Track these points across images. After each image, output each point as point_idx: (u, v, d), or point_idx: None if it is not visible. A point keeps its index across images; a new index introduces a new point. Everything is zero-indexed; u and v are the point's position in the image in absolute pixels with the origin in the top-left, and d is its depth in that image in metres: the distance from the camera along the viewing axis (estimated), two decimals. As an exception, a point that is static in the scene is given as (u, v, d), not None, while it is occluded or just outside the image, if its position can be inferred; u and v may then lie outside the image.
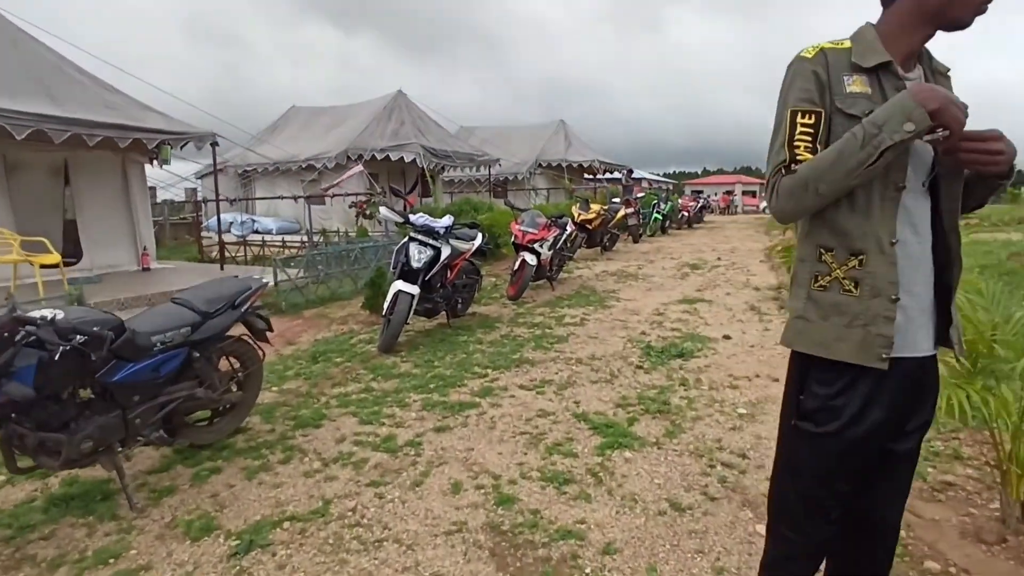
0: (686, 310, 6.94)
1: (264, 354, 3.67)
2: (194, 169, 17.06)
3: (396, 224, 5.56)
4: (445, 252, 5.73)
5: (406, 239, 5.72)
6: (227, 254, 13.17)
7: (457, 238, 6.06)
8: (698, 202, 22.78)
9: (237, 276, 3.74)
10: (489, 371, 4.77)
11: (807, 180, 1.32)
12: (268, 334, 3.73)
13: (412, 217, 5.74)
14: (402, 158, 14.39)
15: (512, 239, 8.01)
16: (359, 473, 3.08)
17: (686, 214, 20.75)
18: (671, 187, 52.87)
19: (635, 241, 15.01)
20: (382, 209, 5.70)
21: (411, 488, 2.91)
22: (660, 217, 17.06)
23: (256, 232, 15.66)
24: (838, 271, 1.38)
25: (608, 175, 25.75)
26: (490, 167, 18.40)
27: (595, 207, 11.76)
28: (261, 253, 12.72)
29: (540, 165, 22.11)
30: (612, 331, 6.01)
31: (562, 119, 24.09)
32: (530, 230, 7.83)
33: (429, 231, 5.68)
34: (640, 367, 4.75)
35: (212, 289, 3.27)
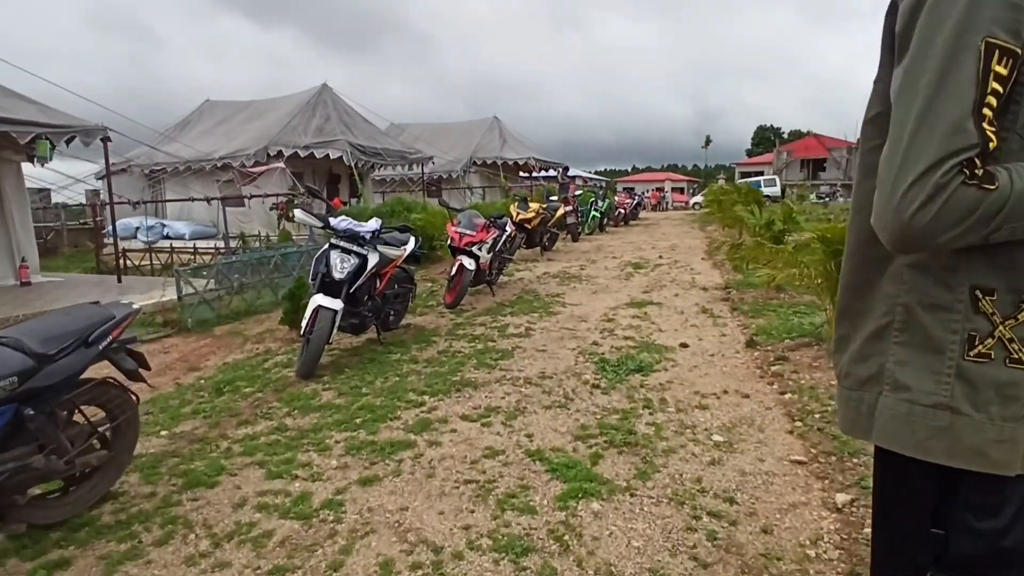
0: (636, 315, 6.53)
1: (138, 399, 2.91)
2: (94, 169, 15.51)
3: (316, 228, 4.89)
4: (373, 260, 5.05)
5: (327, 246, 5.00)
6: (130, 263, 11.90)
7: (386, 243, 5.38)
8: (633, 199, 22.80)
9: (98, 303, 2.96)
10: (426, 397, 4.14)
11: (1005, 213, 0.79)
12: (145, 372, 2.97)
13: (334, 221, 5.02)
14: (328, 155, 13.45)
15: (448, 242, 7.38)
16: (260, 555, 2.40)
17: (623, 211, 20.66)
18: (605, 185, 53.49)
19: (574, 240, 14.66)
20: (297, 212, 4.95)
21: None
22: (598, 215, 16.82)
23: (167, 238, 14.31)
24: (1003, 329, 0.86)
25: (544, 173, 25.46)
26: (423, 165, 17.64)
27: (534, 206, 11.28)
28: (169, 261, 11.53)
29: (475, 163, 21.50)
30: (561, 342, 5.50)
31: (496, 116, 23.58)
32: (468, 232, 7.22)
33: (353, 236, 4.98)
34: (596, 386, 4.24)
35: (54, 323, 2.50)
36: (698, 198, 45.17)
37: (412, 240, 6.09)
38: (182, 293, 6.74)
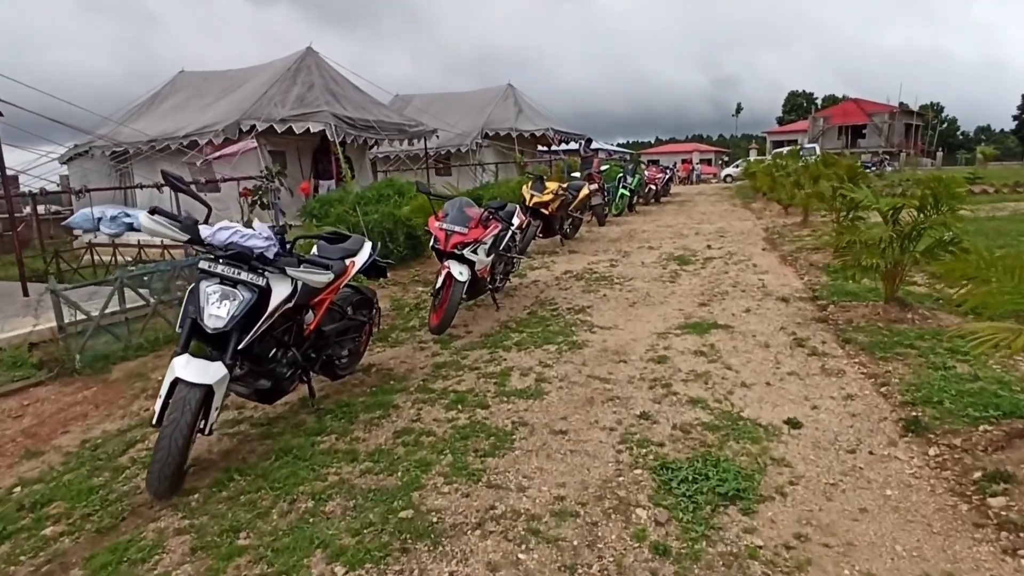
0: (699, 348, 4.49)
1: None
2: (60, 151, 13.80)
3: (181, 242, 3.03)
4: (280, 292, 3.08)
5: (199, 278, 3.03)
6: (98, 259, 10.22)
7: (313, 263, 3.39)
8: (665, 173, 20.47)
9: None
10: (340, 571, 2.21)
11: None
12: None
13: (206, 231, 3.02)
14: (308, 129, 11.46)
15: (432, 242, 5.39)
16: None
17: (653, 188, 18.40)
18: (627, 157, 50.71)
19: (601, 224, 12.54)
20: (143, 217, 2.95)
21: None
22: (627, 193, 14.63)
23: (134, 229, 12.53)
24: None
25: (565, 146, 23.18)
26: (426, 139, 15.55)
27: (551, 185, 9.19)
28: (113, 262, 9.74)
29: (487, 135, 19.32)
30: (590, 411, 3.50)
31: (510, 83, 21.29)
32: (456, 228, 5.22)
33: (241, 257, 3.00)
34: (660, 548, 2.25)
35: None
36: (730, 170, 42.31)
37: (366, 249, 4.12)
38: (63, 321, 4.88)
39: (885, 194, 5.96)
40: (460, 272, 5.21)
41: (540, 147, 21.44)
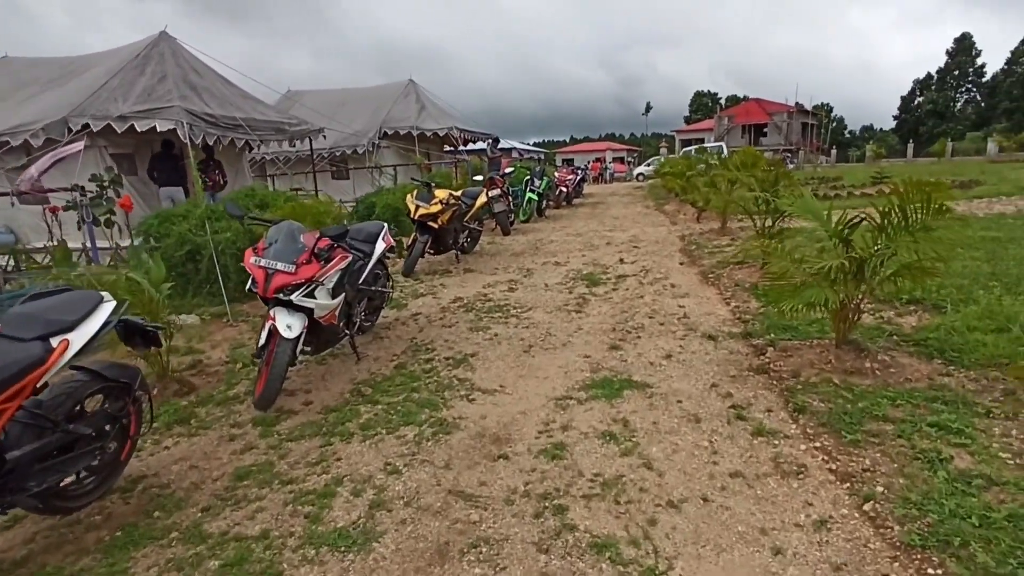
0: (608, 427, 3.29)
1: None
2: None
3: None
4: None
5: None
6: None
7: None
8: (577, 174, 19.60)
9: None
10: None
11: None
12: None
13: None
14: (155, 128, 9.53)
15: (249, 284, 3.92)
16: None
17: (564, 190, 17.44)
18: (543, 157, 50.17)
19: (505, 233, 11.33)
20: None
21: None
22: (535, 197, 13.50)
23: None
24: None
25: (472, 146, 21.86)
26: (311, 140, 13.77)
27: (440, 194, 7.84)
28: None
29: (386, 134, 17.72)
30: (439, 576, 2.20)
31: (412, 79, 19.74)
32: (279, 266, 3.77)
33: None
34: None
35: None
36: (642, 168, 42.45)
37: (100, 313, 2.66)
38: None
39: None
40: (288, 326, 3.79)
41: (447, 147, 20.03)
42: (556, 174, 18.20)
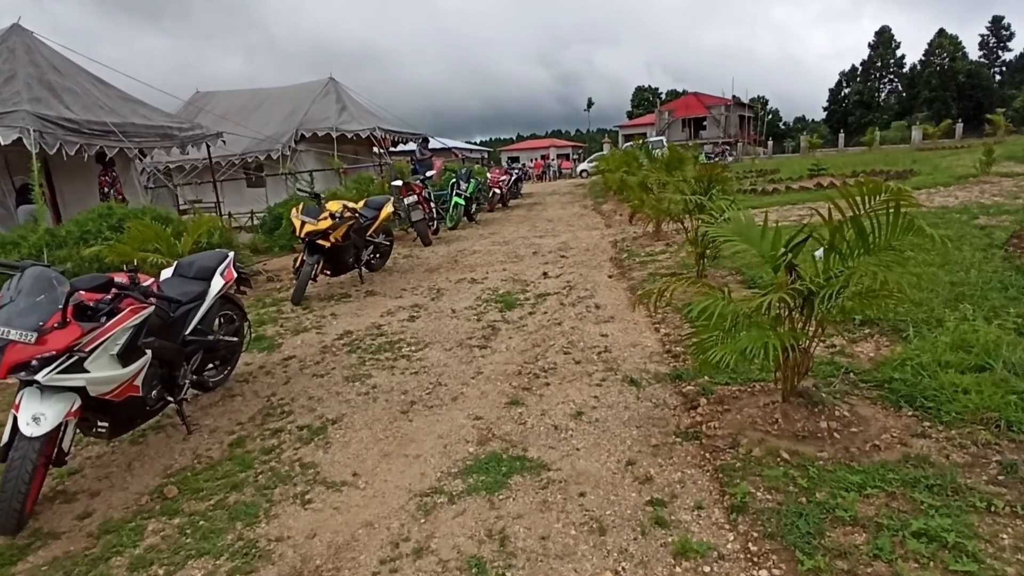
0: (478, 551, 2.33)
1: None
2: None
3: None
4: None
5: None
6: None
7: None
8: (511, 175, 18.67)
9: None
10: None
11: None
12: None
13: None
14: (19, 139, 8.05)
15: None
16: None
17: (498, 191, 16.49)
18: (485, 156, 49.18)
19: (425, 243, 10.27)
20: None
21: None
22: (462, 202, 12.48)
23: None
24: None
25: (404, 146, 20.62)
26: (208, 145, 12.35)
27: (333, 206, 6.73)
28: None
29: (303, 137, 16.36)
30: None
31: (332, 76, 18.38)
32: (13, 336, 2.65)
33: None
34: None
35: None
36: (585, 165, 41.95)
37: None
38: None
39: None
40: (35, 418, 2.69)
41: (378, 150, 18.71)
42: (489, 175, 17.25)
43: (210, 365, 4.25)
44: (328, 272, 7.09)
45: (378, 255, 8.12)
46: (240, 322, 4.49)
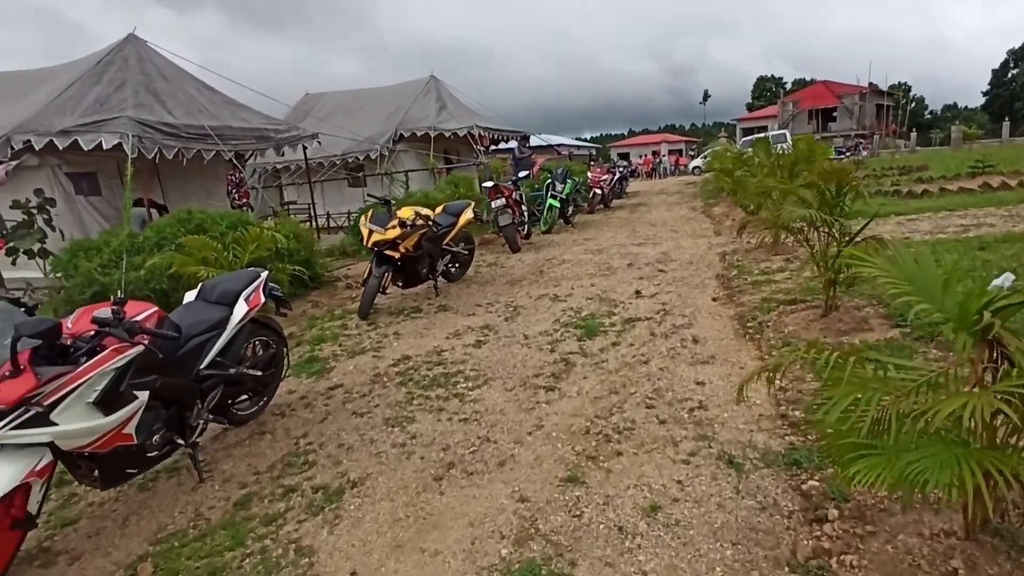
0: None
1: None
2: None
3: None
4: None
5: None
6: None
7: None
8: (614, 173, 17.57)
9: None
10: None
11: None
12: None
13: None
14: (101, 144, 8.34)
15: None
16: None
17: (599, 192, 15.50)
18: (593, 153, 47.86)
19: (513, 250, 9.59)
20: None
21: None
22: (557, 204, 11.68)
23: None
24: None
25: (505, 144, 20.12)
26: (304, 147, 12.42)
27: (405, 213, 6.21)
28: None
29: (402, 137, 16.28)
30: None
31: (433, 75, 18.24)
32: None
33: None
34: None
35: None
36: (698, 161, 39.52)
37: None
38: None
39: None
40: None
41: (479, 148, 18.32)
42: (589, 174, 16.30)
43: (243, 396, 3.81)
44: (400, 284, 6.60)
45: (457, 264, 7.55)
46: (278, 347, 4.02)
